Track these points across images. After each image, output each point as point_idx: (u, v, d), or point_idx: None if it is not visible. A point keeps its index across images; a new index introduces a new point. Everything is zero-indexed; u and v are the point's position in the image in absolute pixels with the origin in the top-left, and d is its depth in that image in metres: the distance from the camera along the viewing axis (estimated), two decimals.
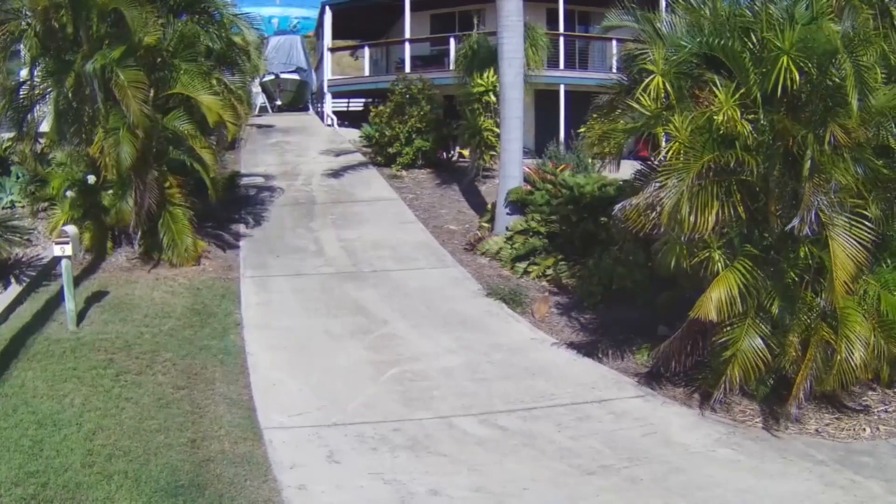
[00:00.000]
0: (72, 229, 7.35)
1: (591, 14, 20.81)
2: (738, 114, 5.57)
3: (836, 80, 5.54)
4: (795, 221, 5.35)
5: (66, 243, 7.21)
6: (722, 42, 5.68)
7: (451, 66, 17.74)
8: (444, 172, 14.42)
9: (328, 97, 19.75)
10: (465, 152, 15.32)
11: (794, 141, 5.59)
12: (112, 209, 9.13)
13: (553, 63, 17.35)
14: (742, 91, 5.69)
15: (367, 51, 19.96)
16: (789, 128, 5.48)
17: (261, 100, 28.72)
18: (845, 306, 5.55)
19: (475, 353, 7.29)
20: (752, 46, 5.88)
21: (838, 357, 5.47)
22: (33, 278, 8.41)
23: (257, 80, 30.22)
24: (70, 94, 8.89)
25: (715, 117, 5.66)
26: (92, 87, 8.91)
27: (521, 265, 9.53)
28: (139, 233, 9.42)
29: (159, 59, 9.00)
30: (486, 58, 15.41)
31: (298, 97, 25.92)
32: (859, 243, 5.46)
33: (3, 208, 10.84)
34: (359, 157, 15.40)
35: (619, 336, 7.71)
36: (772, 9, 5.93)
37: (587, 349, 7.46)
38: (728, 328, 5.96)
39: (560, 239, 9.71)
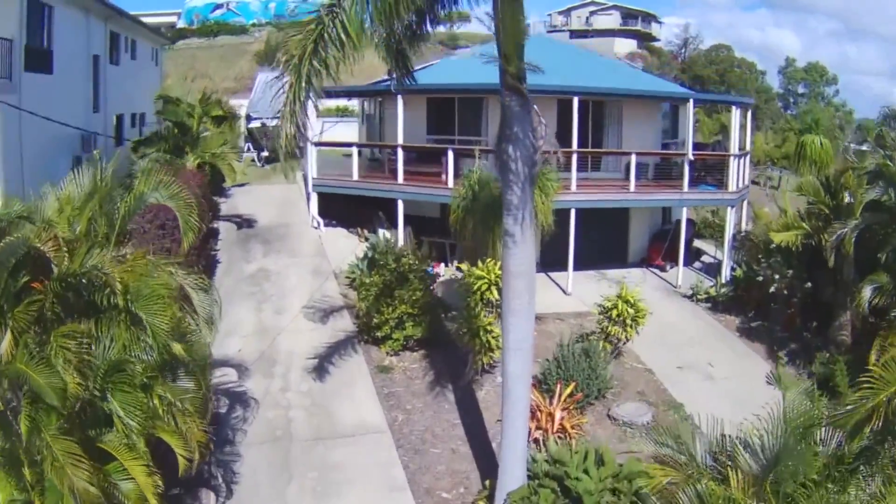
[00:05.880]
0: None
1: (606, 104, 18.89)
2: None
3: None
4: None
5: None
6: None
7: (450, 182, 16.13)
8: (439, 357, 13.10)
9: (314, 197, 18.00)
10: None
11: None
12: None
13: (564, 183, 15.64)
14: None
15: (354, 152, 17.96)
16: None
17: (246, 148, 26.73)
18: None
19: None
20: None
21: None
22: None
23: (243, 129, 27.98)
24: None
25: None
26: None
27: None
28: None
29: (89, 408, 7.48)
30: (490, 204, 13.83)
31: None
32: None
33: None
34: (346, 325, 13.96)
35: None
36: None
37: None
38: None
39: None
